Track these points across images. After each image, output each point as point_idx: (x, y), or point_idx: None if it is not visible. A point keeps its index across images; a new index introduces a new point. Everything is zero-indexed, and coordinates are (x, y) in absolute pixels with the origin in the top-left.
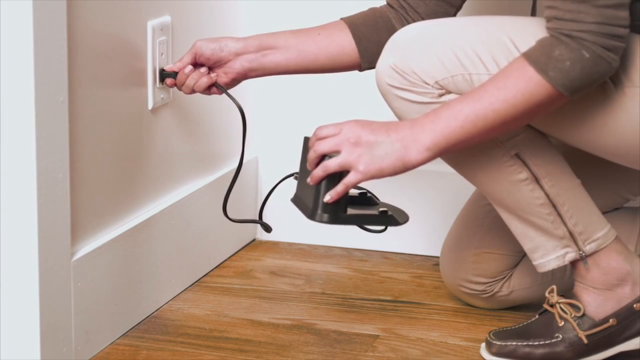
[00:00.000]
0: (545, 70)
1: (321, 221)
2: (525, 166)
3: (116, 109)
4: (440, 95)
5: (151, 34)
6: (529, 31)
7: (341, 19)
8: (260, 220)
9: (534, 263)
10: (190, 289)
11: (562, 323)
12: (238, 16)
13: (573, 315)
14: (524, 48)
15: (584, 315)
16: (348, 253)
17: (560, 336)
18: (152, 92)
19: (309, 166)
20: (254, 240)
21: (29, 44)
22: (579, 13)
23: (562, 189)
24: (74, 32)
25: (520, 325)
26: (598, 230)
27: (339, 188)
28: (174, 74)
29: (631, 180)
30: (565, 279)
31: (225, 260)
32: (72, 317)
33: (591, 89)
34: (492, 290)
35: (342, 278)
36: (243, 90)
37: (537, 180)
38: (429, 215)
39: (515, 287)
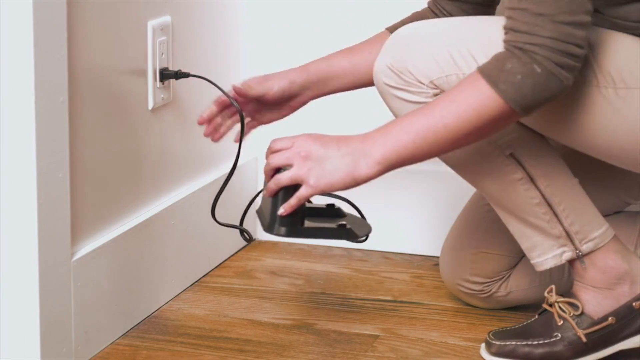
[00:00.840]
0: (496, 83)
1: (278, 234)
2: (520, 166)
3: (116, 109)
4: (435, 95)
5: (151, 34)
6: None
7: (386, 28)
8: (242, 227)
9: (532, 262)
10: (190, 289)
11: (561, 322)
12: (238, 16)
13: (572, 314)
14: None
15: (582, 313)
16: (348, 253)
17: (559, 335)
18: (152, 92)
19: (266, 179)
20: (254, 240)
21: (29, 44)
22: (535, 26)
23: (558, 189)
24: (74, 32)
25: (520, 325)
26: (595, 230)
27: (292, 201)
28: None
29: (631, 184)
30: (564, 281)
31: (225, 260)
32: (72, 317)
33: (544, 106)
34: (489, 291)
35: (342, 278)
36: None
37: (532, 180)
38: (429, 215)
39: (512, 288)
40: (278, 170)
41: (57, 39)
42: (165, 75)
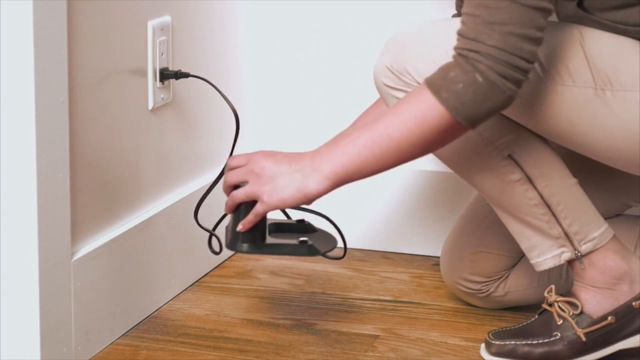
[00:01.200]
0: (438, 91)
1: (240, 251)
2: (518, 166)
3: (116, 109)
4: None
5: (151, 34)
6: None
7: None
8: (214, 233)
9: (531, 262)
10: (190, 289)
11: (561, 321)
12: (238, 16)
13: (571, 313)
14: None
15: (582, 313)
16: (348, 253)
17: (559, 334)
18: (152, 92)
19: (226, 196)
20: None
21: (29, 44)
22: (483, 34)
23: (557, 189)
24: (74, 32)
25: (520, 325)
26: (594, 230)
27: (249, 218)
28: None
29: (632, 187)
30: (562, 283)
31: (225, 260)
32: (72, 317)
33: (488, 118)
34: (487, 290)
35: (342, 278)
36: (242, 91)
37: (530, 180)
38: (429, 215)
39: (510, 288)
40: (237, 187)
41: (57, 39)
42: (165, 75)
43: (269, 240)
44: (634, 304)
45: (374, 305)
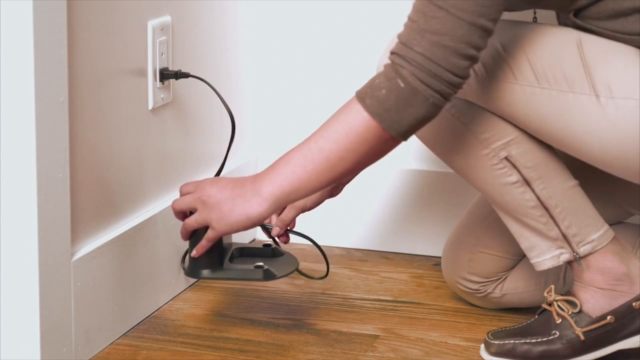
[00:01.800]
0: (363, 98)
1: (197, 277)
2: (515, 169)
3: (116, 109)
4: None
5: (151, 34)
6: (521, 43)
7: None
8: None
9: (531, 262)
10: (190, 289)
11: (560, 320)
12: (238, 16)
13: (570, 312)
14: (511, 53)
15: (581, 312)
16: (348, 253)
17: (558, 333)
18: (152, 92)
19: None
20: (253, 240)
21: (29, 44)
22: (413, 40)
23: (555, 191)
24: (74, 32)
25: (519, 325)
26: (593, 232)
27: (202, 243)
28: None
29: (634, 194)
30: (559, 286)
31: None
32: (72, 317)
33: (417, 127)
34: (485, 291)
35: (342, 278)
36: (242, 91)
37: (527, 183)
38: (429, 215)
39: (508, 290)
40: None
41: (57, 39)
42: (165, 75)
43: (227, 265)
44: (634, 304)
45: (374, 305)
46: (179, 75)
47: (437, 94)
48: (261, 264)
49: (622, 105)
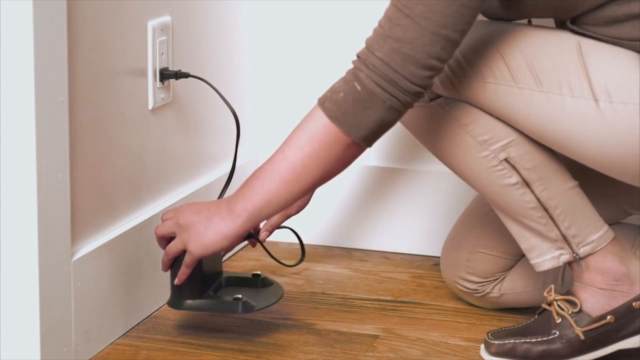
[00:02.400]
0: (323, 103)
1: (179, 308)
2: (514, 170)
3: (116, 109)
4: (431, 100)
5: (151, 34)
6: (520, 46)
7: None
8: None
9: (531, 262)
10: None
11: (559, 320)
12: (238, 16)
13: (570, 311)
14: (510, 56)
15: (580, 311)
16: (348, 253)
17: (557, 332)
18: (152, 92)
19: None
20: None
21: (29, 44)
22: (375, 44)
23: (555, 193)
24: (74, 32)
25: (519, 325)
26: (593, 233)
27: (182, 270)
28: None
29: (633, 195)
30: (558, 287)
31: (225, 261)
32: (72, 317)
33: (377, 133)
34: (483, 291)
35: (342, 278)
36: (243, 91)
37: (527, 184)
38: (429, 215)
39: (506, 290)
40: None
41: (57, 39)
42: (165, 75)
43: (207, 296)
44: (634, 304)
45: (374, 305)
46: (179, 75)
47: (394, 98)
48: (239, 296)
49: (620, 110)
